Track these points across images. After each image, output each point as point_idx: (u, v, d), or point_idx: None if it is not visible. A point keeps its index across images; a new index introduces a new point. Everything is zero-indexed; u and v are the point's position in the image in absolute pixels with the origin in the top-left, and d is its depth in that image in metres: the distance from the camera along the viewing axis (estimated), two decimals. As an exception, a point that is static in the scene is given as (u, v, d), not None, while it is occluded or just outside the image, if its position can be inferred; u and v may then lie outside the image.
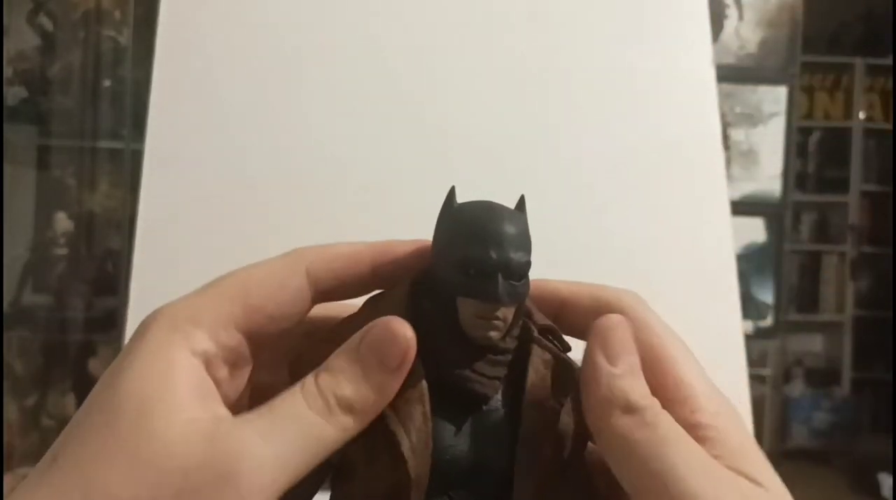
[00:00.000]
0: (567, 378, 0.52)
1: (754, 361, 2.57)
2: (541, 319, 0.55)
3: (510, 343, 0.54)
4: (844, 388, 4.25)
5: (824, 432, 4.16)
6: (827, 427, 4.16)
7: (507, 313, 0.52)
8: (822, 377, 4.29)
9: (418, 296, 0.54)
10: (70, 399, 2.41)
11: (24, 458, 2.30)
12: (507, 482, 0.52)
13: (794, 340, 4.06)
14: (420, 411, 0.50)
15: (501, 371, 0.53)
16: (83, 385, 2.41)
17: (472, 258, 0.52)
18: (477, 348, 0.53)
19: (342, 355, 0.39)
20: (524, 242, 0.53)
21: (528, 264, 0.52)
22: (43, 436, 2.36)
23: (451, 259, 0.53)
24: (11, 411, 2.35)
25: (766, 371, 2.63)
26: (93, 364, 2.42)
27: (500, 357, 0.53)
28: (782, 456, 2.57)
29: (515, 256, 0.52)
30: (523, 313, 0.55)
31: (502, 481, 0.52)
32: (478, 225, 0.53)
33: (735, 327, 1.32)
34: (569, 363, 0.53)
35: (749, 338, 2.26)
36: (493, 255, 0.51)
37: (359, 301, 0.51)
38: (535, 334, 0.54)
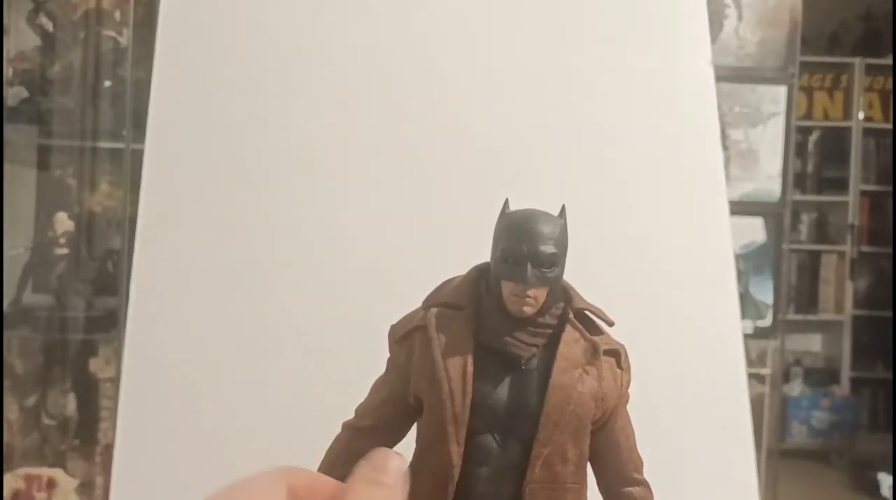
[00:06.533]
0: (591, 352, 0.69)
1: (753, 360, 2.57)
2: (579, 302, 0.71)
3: (549, 319, 0.69)
4: (843, 387, 4.25)
5: (823, 431, 4.15)
6: (826, 427, 4.15)
7: (538, 293, 0.67)
8: (821, 377, 4.28)
9: (479, 281, 0.71)
10: (70, 399, 2.41)
11: (24, 458, 2.30)
12: (535, 424, 0.67)
13: (793, 339, 4.06)
14: (462, 366, 0.66)
15: (539, 341, 0.69)
16: (83, 385, 2.41)
17: (508, 250, 0.67)
18: (518, 320, 0.68)
19: None
20: (554, 239, 0.68)
21: (554, 256, 0.67)
22: (43, 436, 2.36)
23: (497, 252, 0.69)
24: (11, 411, 2.35)
25: (765, 370, 2.62)
26: (93, 364, 2.42)
27: (538, 330, 0.68)
28: (781, 455, 2.56)
29: (543, 248, 0.67)
30: (563, 297, 0.70)
31: (532, 423, 0.67)
32: (516, 225, 0.68)
33: (734, 326, 1.32)
34: (591, 340, 0.69)
35: (748, 337, 2.25)
36: (525, 247, 0.67)
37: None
38: (571, 316, 0.70)
